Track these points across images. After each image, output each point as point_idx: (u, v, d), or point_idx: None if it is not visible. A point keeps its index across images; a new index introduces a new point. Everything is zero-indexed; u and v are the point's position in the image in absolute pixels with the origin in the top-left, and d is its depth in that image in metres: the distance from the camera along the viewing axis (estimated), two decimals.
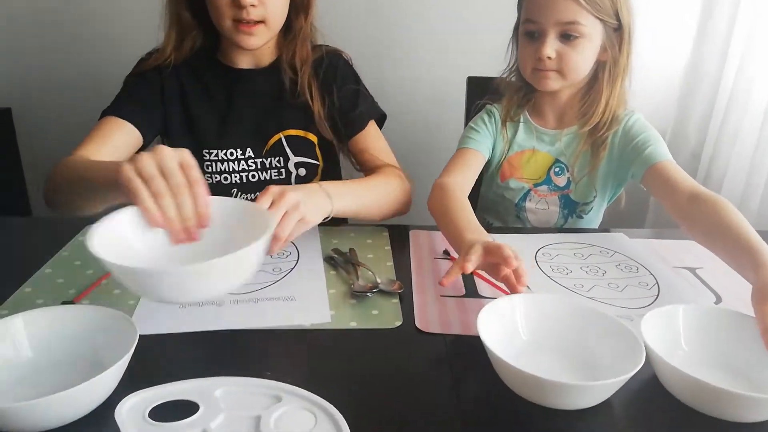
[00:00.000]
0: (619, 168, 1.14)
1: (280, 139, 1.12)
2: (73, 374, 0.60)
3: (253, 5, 0.97)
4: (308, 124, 1.13)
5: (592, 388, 0.57)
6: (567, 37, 1.02)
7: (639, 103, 1.14)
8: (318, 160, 1.15)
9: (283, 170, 1.13)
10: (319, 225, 1.01)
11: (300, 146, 1.13)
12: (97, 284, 0.80)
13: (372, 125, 1.16)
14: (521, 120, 1.18)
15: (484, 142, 1.17)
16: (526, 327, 0.70)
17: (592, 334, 0.67)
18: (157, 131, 1.10)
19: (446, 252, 0.95)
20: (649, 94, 1.70)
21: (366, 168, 1.14)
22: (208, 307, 0.76)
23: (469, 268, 0.74)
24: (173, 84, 1.09)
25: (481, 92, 1.22)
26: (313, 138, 1.14)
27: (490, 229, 0.88)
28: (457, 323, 0.74)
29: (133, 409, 0.57)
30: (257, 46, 1.04)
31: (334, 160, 1.18)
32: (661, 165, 1.02)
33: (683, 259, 0.96)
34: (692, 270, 0.92)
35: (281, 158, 1.12)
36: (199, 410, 0.57)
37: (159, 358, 0.66)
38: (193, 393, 0.59)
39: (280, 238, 0.75)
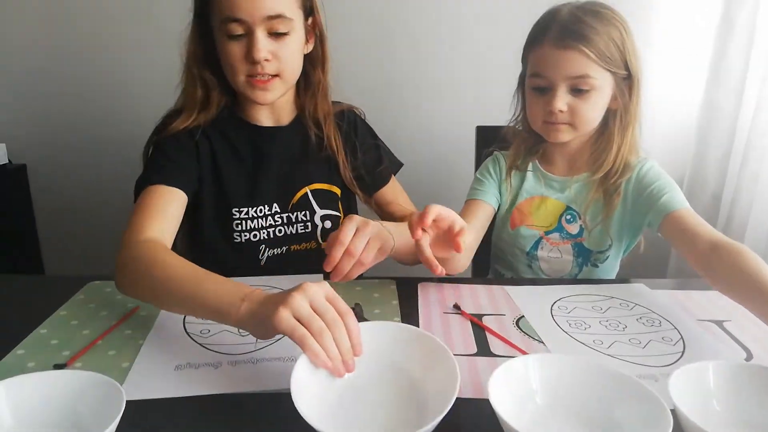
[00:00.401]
0: (633, 216, 1.11)
1: (306, 193, 1.12)
2: None
3: (267, 59, 0.97)
4: (332, 177, 1.14)
5: None
6: (578, 90, 1.00)
7: (655, 147, 1.12)
8: (340, 212, 1.15)
9: (309, 223, 1.13)
10: (324, 278, 1.00)
11: (325, 199, 1.14)
12: (91, 345, 0.77)
13: (394, 178, 1.23)
14: (529, 168, 1.16)
15: (489, 191, 1.16)
16: (541, 390, 0.65)
17: (614, 398, 0.62)
18: (194, 193, 1.07)
19: (456, 306, 0.91)
20: (664, 138, 1.67)
21: (394, 218, 1.15)
22: (204, 368, 0.72)
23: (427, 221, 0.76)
24: (205, 144, 1.08)
25: (490, 141, 1.21)
26: (337, 191, 1.15)
27: (502, 281, 0.84)
28: (467, 385, 0.69)
29: None
30: (272, 101, 1.04)
31: (353, 212, 1.18)
32: (678, 213, 0.99)
33: (709, 311, 0.91)
34: (719, 323, 0.87)
35: (307, 212, 1.12)
36: None
37: (152, 425, 0.62)
38: None
39: (365, 264, 0.78)
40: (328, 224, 1.14)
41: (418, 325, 0.85)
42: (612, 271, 1.18)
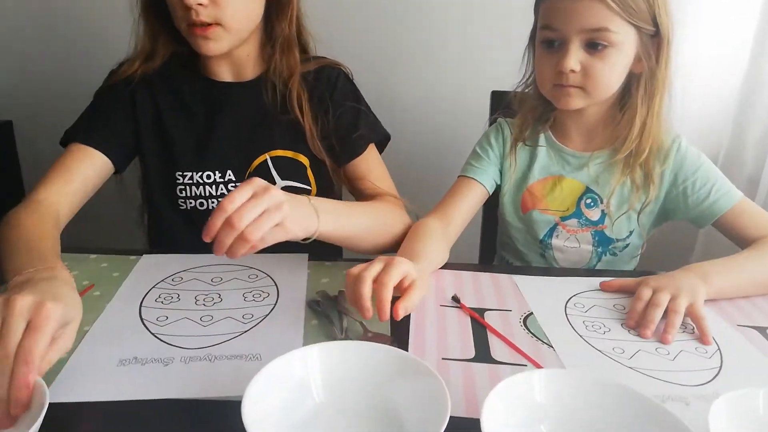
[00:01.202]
0: (667, 206, 0.97)
1: (266, 160, 0.98)
2: None
3: (200, 4, 0.84)
4: (298, 144, 0.99)
5: None
6: (594, 46, 0.85)
7: (687, 123, 0.97)
8: (309, 185, 1.01)
9: None
10: (309, 260, 0.89)
11: (288, 169, 0.99)
12: None
13: (372, 150, 1.03)
14: (541, 143, 1.01)
15: (487, 169, 1.02)
16: (547, 416, 0.54)
17: (634, 426, 0.51)
18: (130, 155, 0.99)
19: (456, 298, 0.79)
20: (699, 113, 1.51)
21: (364, 196, 1.01)
22: (152, 365, 0.62)
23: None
24: (145, 97, 0.97)
25: (506, 108, 1.07)
26: (304, 160, 1.00)
27: (510, 268, 0.72)
28: (459, 399, 0.58)
29: None
30: (218, 52, 0.90)
31: (328, 185, 1.03)
32: (734, 211, 0.91)
33: (750, 316, 0.78)
34: (762, 330, 0.74)
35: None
36: None
37: None
38: None
39: (249, 240, 0.61)
40: None
41: (408, 319, 0.73)
42: (632, 259, 1.05)
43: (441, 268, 0.88)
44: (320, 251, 0.87)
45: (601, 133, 0.97)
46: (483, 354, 0.66)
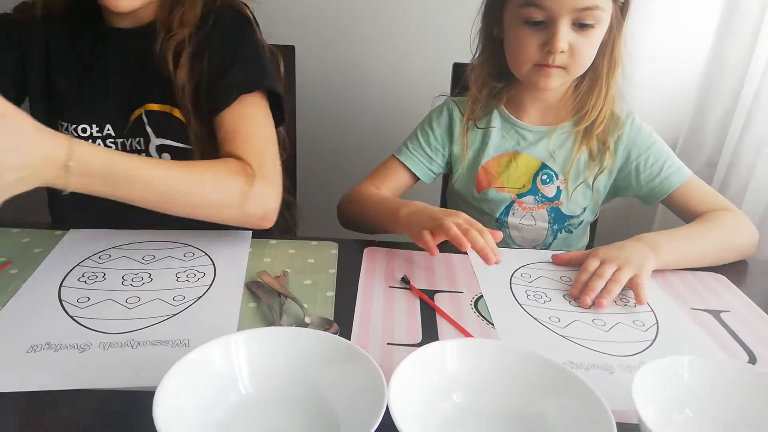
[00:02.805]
0: (619, 180, 0.96)
1: (141, 115, 0.88)
2: None
3: None
4: (171, 98, 0.85)
5: None
6: (582, 25, 0.82)
7: (650, 104, 0.96)
8: (190, 145, 0.88)
9: (144, 155, 0.88)
10: (253, 237, 0.83)
11: (163, 125, 0.87)
12: None
13: (246, 105, 0.83)
14: (494, 125, 0.97)
15: (418, 159, 0.99)
16: (460, 385, 0.52)
17: (547, 395, 0.50)
18: (18, 96, 0.87)
19: (405, 279, 0.75)
20: (662, 93, 1.49)
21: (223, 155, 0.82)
22: (66, 351, 0.56)
23: (436, 252, 0.75)
24: (38, 40, 0.87)
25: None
26: (179, 114, 0.87)
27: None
28: None
29: None
30: (127, 9, 0.79)
31: (204, 144, 0.87)
32: (684, 188, 0.92)
33: (704, 299, 0.76)
34: (716, 314, 0.73)
35: (142, 139, 0.88)
36: None
37: None
38: None
39: None
40: (166, 157, 0.88)
41: (354, 300, 0.69)
42: (584, 236, 1.05)
43: (392, 248, 0.84)
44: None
45: (561, 106, 0.95)
46: (430, 338, 0.63)
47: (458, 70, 1.18)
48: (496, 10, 0.91)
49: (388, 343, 0.61)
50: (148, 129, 0.87)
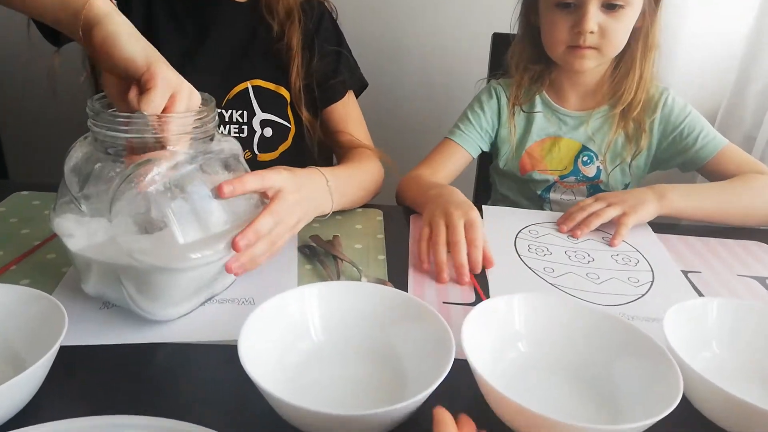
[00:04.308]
0: (658, 156, 0.99)
1: (247, 88, 0.92)
2: None
3: None
4: (279, 77, 0.94)
5: None
6: (611, 7, 0.85)
7: (690, 79, 0.97)
8: (289, 122, 0.96)
9: (245, 127, 0.93)
10: None
11: (269, 102, 0.94)
12: (2, 271, 0.63)
13: (350, 96, 0.99)
14: (538, 109, 1.00)
15: (473, 138, 1.01)
16: (525, 336, 0.54)
17: (610, 348, 0.51)
18: None
19: None
20: (701, 67, 1.47)
21: (339, 146, 0.98)
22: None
23: (422, 259, 0.71)
24: (141, 5, 0.90)
25: (507, 51, 1.03)
26: (286, 94, 0.95)
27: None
28: (458, 342, 0.56)
29: None
30: None
31: (302, 124, 0.98)
32: (720, 156, 0.92)
33: (749, 266, 0.77)
34: (762, 280, 0.73)
35: (245, 112, 0.93)
36: None
37: (54, 380, 0.49)
38: None
39: (252, 258, 0.57)
40: (268, 132, 0.95)
41: (407, 265, 0.71)
42: None
43: None
44: None
45: (598, 91, 0.98)
46: (486, 296, 0.64)
47: (498, 40, 1.18)
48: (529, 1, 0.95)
49: (443, 302, 0.63)
50: (254, 103, 0.92)
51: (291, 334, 0.52)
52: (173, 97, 0.53)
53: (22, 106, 1.76)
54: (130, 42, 0.55)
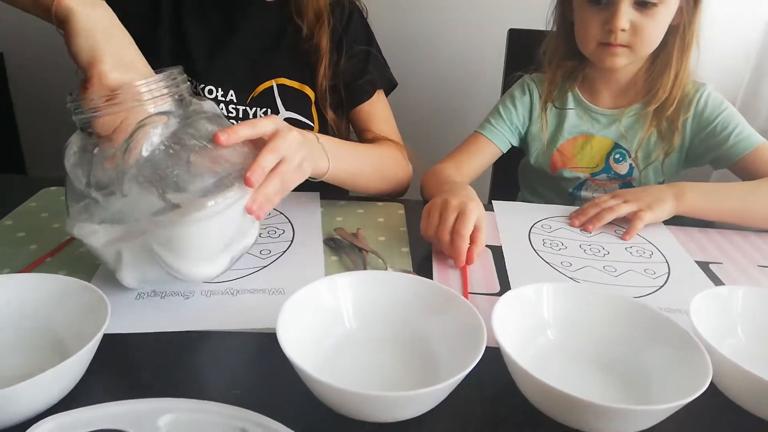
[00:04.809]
0: (691, 153, 0.97)
1: (272, 86, 0.93)
2: (27, 361, 0.50)
3: None
4: (305, 76, 0.95)
5: (639, 413, 0.43)
6: (643, 4, 0.84)
7: (706, 72, 0.96)
8: (312, 121, 0.97)
9: None
10: (321, 198, 0.87)
11: (293, 100, 0.95)
12: (37, 263, 0.65)
13: (379, 95, 0.99)
14: (570, 106, 1.00)
15: (503, 131, 1.01)
16: (554, 324, 0.55)
17: (638, 336, 0.53)
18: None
19: None
20: (720, 57, 1.47)
21: (364, 142, 0.98)
22: (172, 299, 0.60)
23: (428, 235, 0.72)
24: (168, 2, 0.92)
25: (523, 47, 1.04)
26: (310, 93, 0.96)
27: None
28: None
29: None
30: None
31: (327, 123, 0.99)
32: (755, 153, 0.89)
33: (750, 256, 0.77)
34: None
35: (269, 110, 0.93)
36: None
37: (97, 366, 0.50)
38: (128, 421, 0.43)
39: (275, 201, 0.59)
40: None
41: (430, 257, 0.72)
42: None
43: None
44: (326, 192, 0.86)
45: (631, 89, 0.97)
46: (507, 288, 0.65)
47: (514, 36, 1.18)
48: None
49: (470, 293, 0.64)
50: (278, 101, 0.93)
51: (324, 321, 0.53)
52: (113, 97, 0.54)
53: (39, 103, 1.79)
54: (80, 38, 0.56)
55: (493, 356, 0.48)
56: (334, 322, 0.54)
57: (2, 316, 0.51)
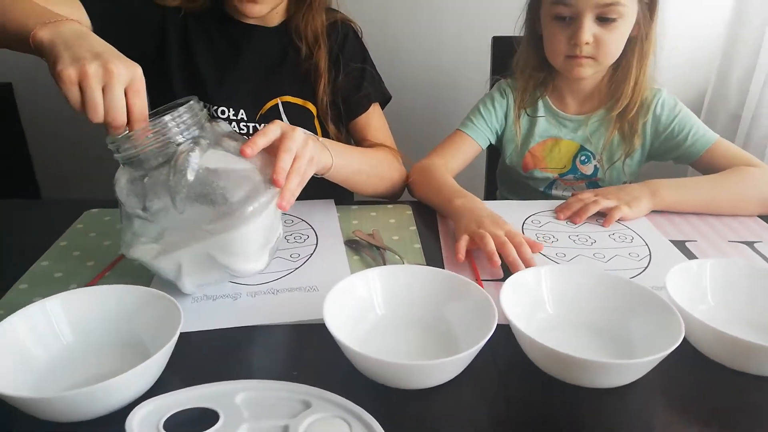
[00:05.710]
0: (652, 154, 1.08)
1: (278, 104, 1.03)
2: (115, 360, 0.59)
3: None
4: (307, 93, 1.04)
5: (627, 366, 0.52)
6: (604, 20, 0.93)
7: (678, 66, 1.06)
8: (317, 132, 1.07)
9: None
10: (336, 204, 0.96)
11: (297, 116, 1.04)
12: (99, 277, 0.74)
13: (375, 108, 1.08)
14: (540, 113, 1.09)
15: (483, 130, 1.10)
16: (552, 300, 0.65)
17: (623, 306, 0.62)
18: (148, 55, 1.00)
19: None
20: (689, 53, 1.58)
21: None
22: (222, 301, 0.69)
23: (461, 258, 0.76)
24: (177, 30, 1.00)
25: (507, 54, 1.13)
26: (312, 108, 1.06)
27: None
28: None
29: (145, 420, 0.51)
30: (262, 14, 0.96)
31: (329, 137, 1.07)
32: (710, 151, 1.00)
33: (738, 232, 0.88)
34: (750, 244, 0.84)
35: None
36: (220, 420, 0.51)
37: (171, 361, 0.60)
38: (211, 400, 0.53)
39: (291, 191, 0.67)
40: None
41: (440, 251, 0.82)
42: None
43: None
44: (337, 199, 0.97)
45: (595, 96, 1.06)
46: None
47: (498, 43, 1.27)
48: (535, 9, 1.03)
49: (481, 279, 0.74)
50: (284, 117, 1.03)
51: (360, 309, 0.63)
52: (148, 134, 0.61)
53: (49, 130, 1.86)
54: (63, 57, 0.63)
55: (504, 332, 0.58)
56: (368, 309, 0.64)
57: (95, 321, 0.60)
